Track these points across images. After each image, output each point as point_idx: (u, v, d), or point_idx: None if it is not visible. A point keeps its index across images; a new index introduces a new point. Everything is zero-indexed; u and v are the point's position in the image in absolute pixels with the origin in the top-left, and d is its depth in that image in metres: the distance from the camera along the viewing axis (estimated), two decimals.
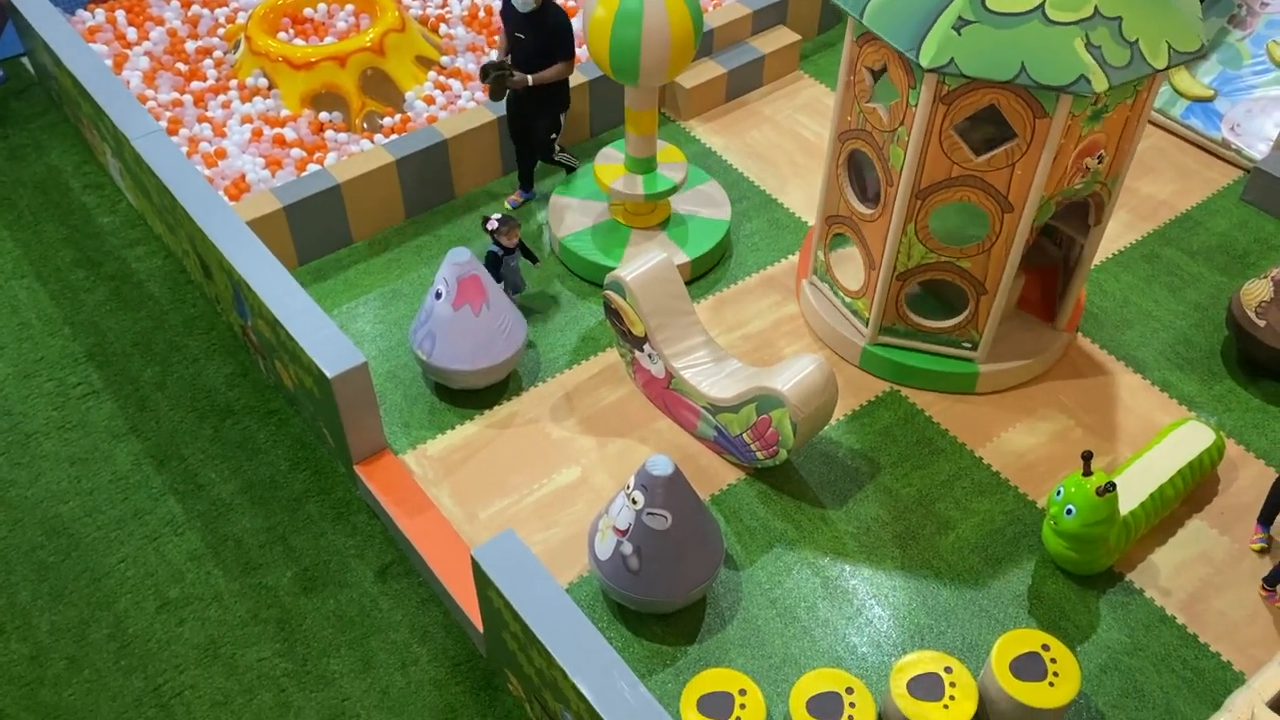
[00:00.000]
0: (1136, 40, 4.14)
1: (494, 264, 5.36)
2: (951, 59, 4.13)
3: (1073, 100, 4.20)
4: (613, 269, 5.68)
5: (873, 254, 5.04)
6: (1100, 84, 4.08)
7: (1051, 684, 3.90)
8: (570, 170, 6.18)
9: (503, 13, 5.58)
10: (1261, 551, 4.64)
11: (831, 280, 5.43)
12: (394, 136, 6.27)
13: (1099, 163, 4.61)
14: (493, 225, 5.26)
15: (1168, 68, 4.20)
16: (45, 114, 6.94)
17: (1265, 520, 4.65)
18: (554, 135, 5.90)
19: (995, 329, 5.07)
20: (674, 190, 5.70)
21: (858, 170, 5.12)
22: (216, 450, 5.09)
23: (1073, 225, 5.09)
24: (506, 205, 6.21)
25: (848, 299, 5.36)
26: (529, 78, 5.51)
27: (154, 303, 5.78)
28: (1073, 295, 5.24)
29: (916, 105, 4.39)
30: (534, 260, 5.56)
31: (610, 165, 5.75)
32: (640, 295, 4.87)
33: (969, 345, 5.18)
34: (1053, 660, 3.96)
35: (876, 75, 4.63)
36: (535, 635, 3.55)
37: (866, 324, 5.26)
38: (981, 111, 4.37)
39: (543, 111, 5.76)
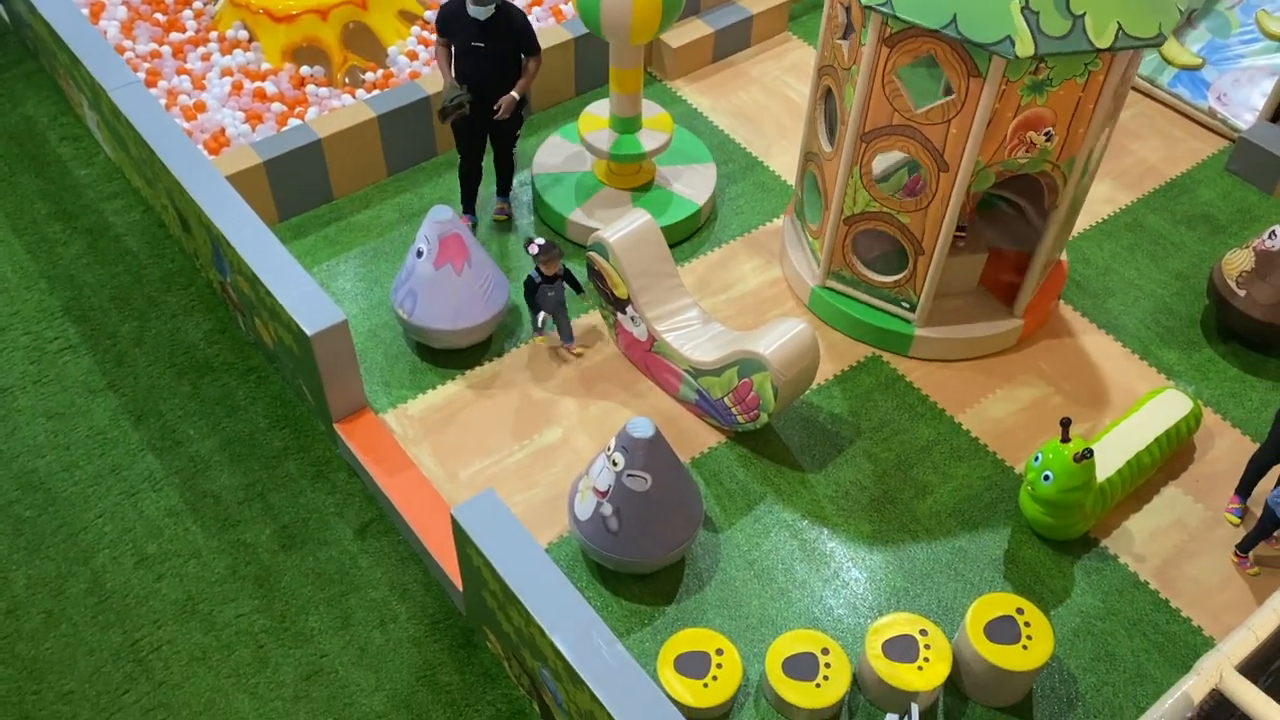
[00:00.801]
0: (1083, 14, 4.05)
1: (530, 290, 5.01)
2: None
3: (1007, 64, 4.11)
4: (564, 216, 5.67)
5: (829, 194, 5.05)
6: (1025, 49, 4.01)
7: (1025, 647, 3.95)
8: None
9: (443, 25, 5.18)
10: (1236, 524, 4.68)
11: (802, 218, 5.44)
12: (376, 92, 6.19)
13: (1047, 140, 4.49)
14: (534, 250, 4.86)
15: (1113, 49, 4.09)
16: (20, 63, 6.81)
17: (1243, 491, 4.69)
18: (518, 134, 5.57)
19: (933, 293, 5.06)
20: (641, 158, 5.63)
21: (832, 113, 5.10)
22: (195, 407, 5.06)
23: (1037, 207, 5.08)
24: (495, 215, 5.88)
25: (810, 238, 5.37)
26: (514, 95, 5.19)
27: (132, 257, 5.71)
28: (1030, 283, 5.15)
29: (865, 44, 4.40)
30: (579, 290, 5.15)
31: (597, 117, 5.70)
32: (624, 257, 4.85)
33: (907, 305, 5.19)
34: (1026, 624, 4.01)
35: (849, 12, 4.62)
36: (514, 594, 3.56)
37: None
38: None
39: (510, 117, 5.34)
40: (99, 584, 4.45)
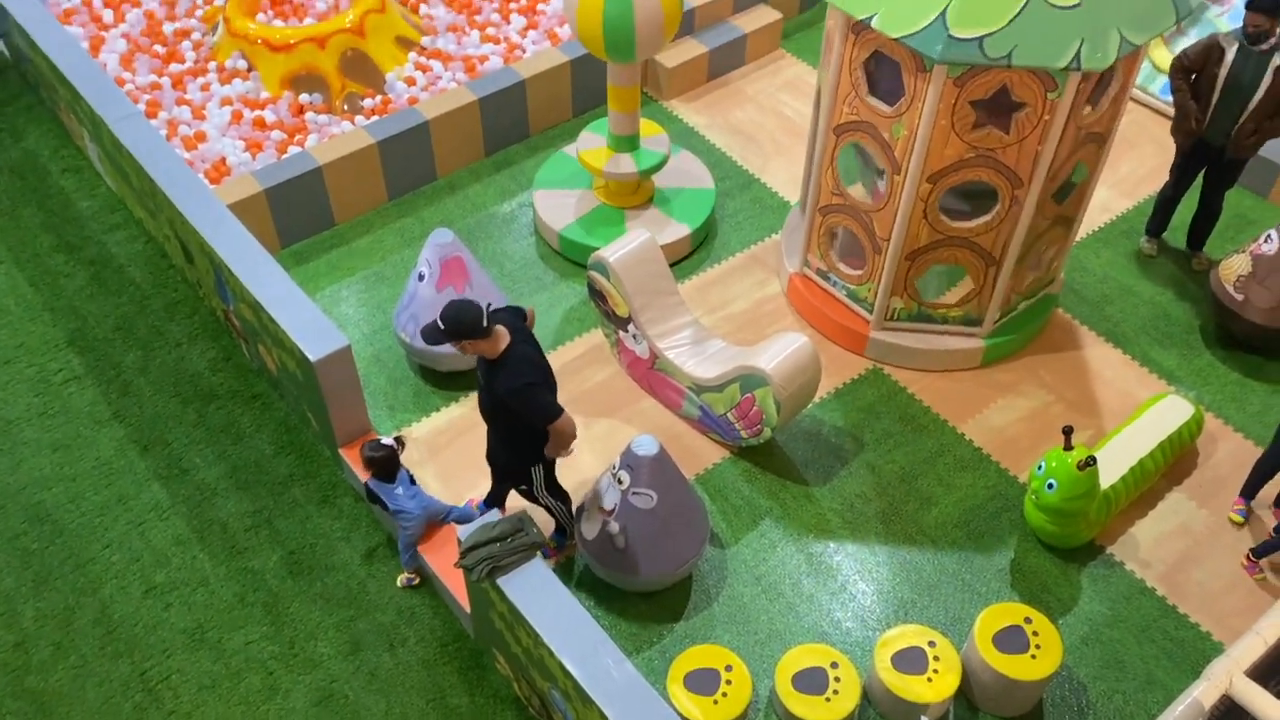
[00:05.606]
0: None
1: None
2: None
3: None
4: (560, 234, 5.70)
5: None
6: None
7: (1034, 656, 3.95)
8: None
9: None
10: (1240, 524, 4.69)
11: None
12: (375, 118, 6.24)
13: None
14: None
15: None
16: (20, 97, 6.87)
17: (1247, 494, 4.70)
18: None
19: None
20: (664, 163, 5.70)
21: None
22: (201, 435, 5.08)
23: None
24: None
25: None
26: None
27: (135, 287, 5.74)
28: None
29: None
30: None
31: (594, 149, 5.73)
32: (624, 276, 4.87)
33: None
34: (1035, 633, 4.01)
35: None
36: (522, 615, 3.57)
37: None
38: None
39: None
40: (107, 614, 4.46)
